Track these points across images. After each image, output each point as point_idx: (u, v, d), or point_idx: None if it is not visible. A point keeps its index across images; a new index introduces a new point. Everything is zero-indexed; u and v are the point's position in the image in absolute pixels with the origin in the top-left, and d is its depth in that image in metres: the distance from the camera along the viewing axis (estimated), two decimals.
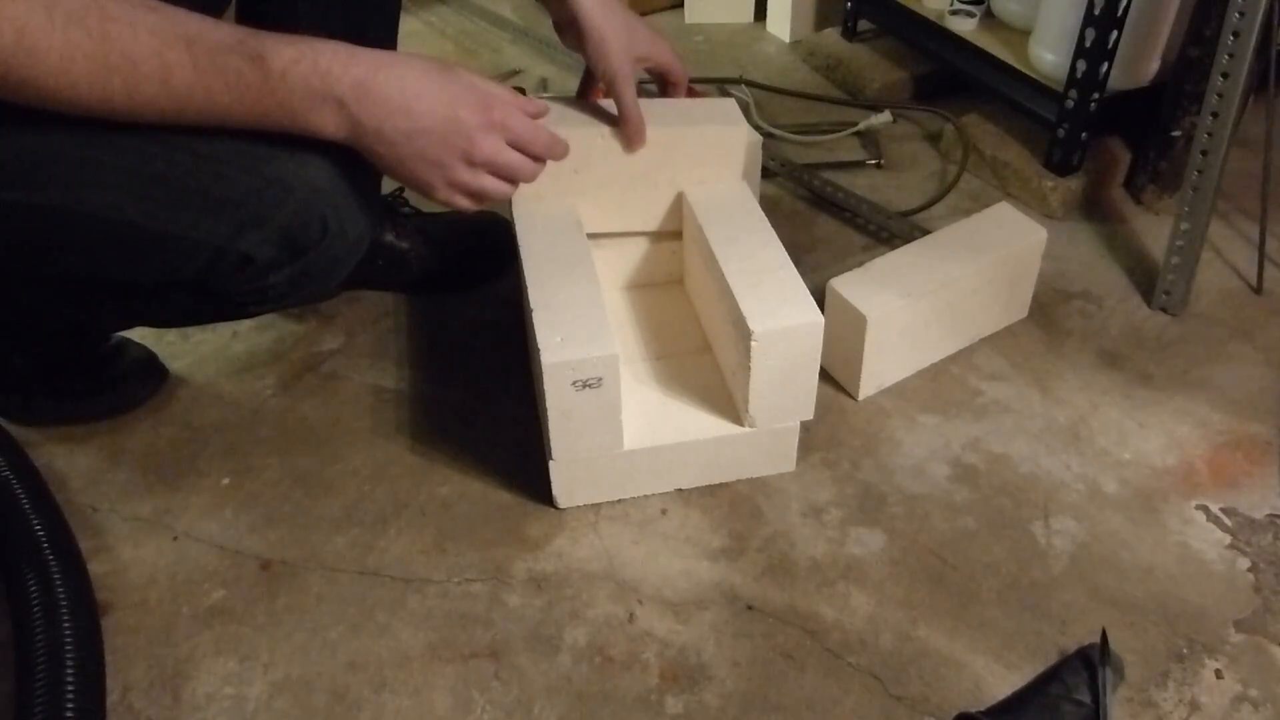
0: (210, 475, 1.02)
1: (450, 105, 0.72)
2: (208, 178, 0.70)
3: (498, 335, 1.17)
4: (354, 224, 0.77)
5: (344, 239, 0.76)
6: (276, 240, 0.73)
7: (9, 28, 0.60)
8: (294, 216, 0.73)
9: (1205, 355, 1.14)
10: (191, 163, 0.70)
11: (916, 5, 1.54)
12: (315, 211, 0.73)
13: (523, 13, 1.89)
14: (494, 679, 0.84)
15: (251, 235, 0.72)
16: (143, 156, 0.70)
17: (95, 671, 0.81)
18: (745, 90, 1.60)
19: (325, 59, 0.68)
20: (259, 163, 0.71)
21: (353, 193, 0.76)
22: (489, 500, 0.99)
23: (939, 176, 1.44)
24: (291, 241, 0.73)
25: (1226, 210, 1.34)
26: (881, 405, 1.09)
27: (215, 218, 0.71)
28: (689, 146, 1.01)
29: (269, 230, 0.72)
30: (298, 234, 0.73)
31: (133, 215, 0.70)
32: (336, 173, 0.75)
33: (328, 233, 0.75)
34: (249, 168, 0.71)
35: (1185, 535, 0.95)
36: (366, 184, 0.78)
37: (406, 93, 0.71)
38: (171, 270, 0.72)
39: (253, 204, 0.71)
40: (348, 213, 0.76)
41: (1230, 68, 1.05)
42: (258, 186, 0.71)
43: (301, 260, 0.75)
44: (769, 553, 0.94)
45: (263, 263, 0.73)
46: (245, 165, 0.71)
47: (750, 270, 0.93)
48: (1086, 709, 0.79)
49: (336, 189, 0.74)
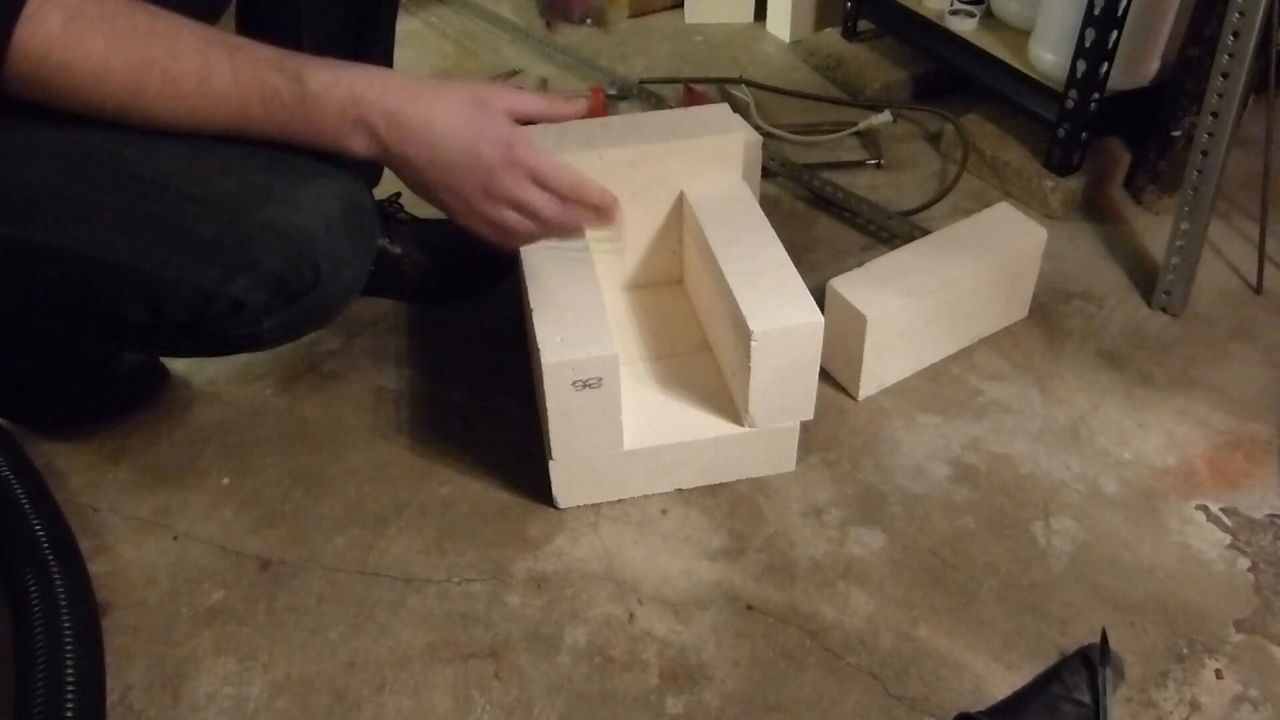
0: (210, 475, 1.02)
1: (474, 141, 0.73)
2: (200, 221, 0.70)
3: (498, 335, 1.17)
4: (348, 269, 0.76)
5: (337, 284, 0.75)
6: (268, 287, 0.71)
7: (57, 12, 0.62)
8: (286, 264, 0.71)
9: (1205, 355, 1.14)
10: (184, 204, 0.70)
11: (916, 5, 1.54)
12: (307, 259, 0.72)
13: (523, 13, 1.89)
14: (494, 679, 0.84)
15: (242, 281, 0.70)
16: (135, 196, 0.69)
17: (95, 671, 0.81)
18: (745, 90, 1.60)
19: (361, 85, 0.70)
20: (253, 207, 0.71)
21: (348, 236, 0.75)
22: (489, 500, 0.99)
23: (939, 176, 1.44)
24: (283, 288, 0.72)
25: (1226, 210, 1.34)
26: (881, 405, 1.09)
27: (206, 262, 0.70)
28: (687, 157, 1.01)
29: (260, 276, 0.71)
30: (289, 281, 0.72)
31: (123, 255, 0.69)
32: (334, 215, 0.73)
33: (320, 279, 0.73)
34: (242, 212, 0.70)
35: (1185, 535, 0.95)
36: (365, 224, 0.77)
37: (434, 126, 0.72)
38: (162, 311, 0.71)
39: (244, 250, 0.70)
40: (341, 258, 0.74)
41: (1230, 68, 1.05)
42: (250, 232, 0.70)
43: (294, 306, 0.74)
44: (769, 553, 0.94)
45: (254, 308, 0.72)
46: (238, 209, 0.70)
47: (750, 270, 0.93)
48: (1086, 709, 0.79)
49: (332, 234, 0.73)
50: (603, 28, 1.83)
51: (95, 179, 0.69)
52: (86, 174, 0.68)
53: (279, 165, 0.73)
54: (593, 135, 1.01)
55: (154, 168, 0.69)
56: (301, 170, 0.73)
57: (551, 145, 0.89)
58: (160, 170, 0.69)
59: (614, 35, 1.82)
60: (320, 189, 0.73)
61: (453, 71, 1.71)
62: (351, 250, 0.76)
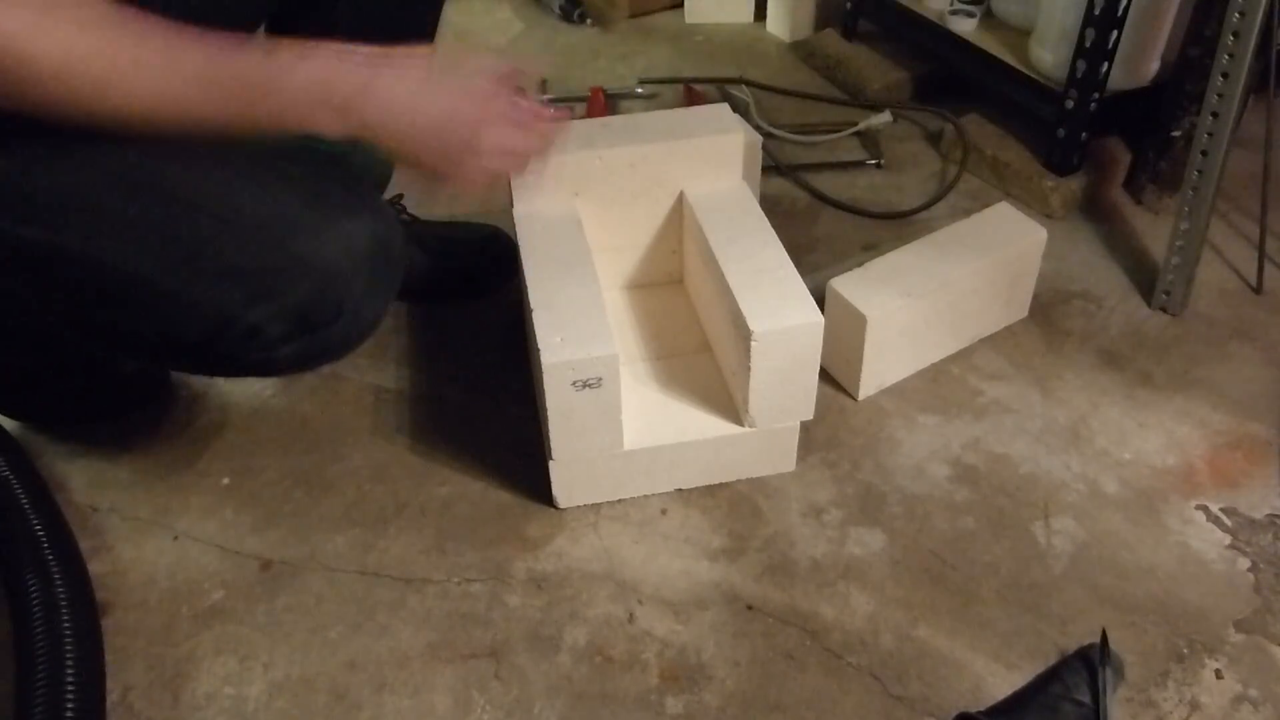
0: (210, 475, 1.02)
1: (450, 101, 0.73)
2: (228, 245, 0.70)
3: (498, 335, 1.17)
4: (370, 306, 0.76)
5: (357, 321, 0.75)
6: (288, 317, 0.72)
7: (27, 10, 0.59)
8: (308, 296, 0.72)
9: (1205, 355, 1.14)
10: (214, 227, 0.70)
11: (916, 5, 1.54)
12: (330, 294, 0.72)
13: (523, 13, 1.89)
14: (494, 679, 0.84)
15: (262, 309, 0.71)
16: (167, 214, 0.69)
17: (95, 671, 0.81)
18: (745, 90, 1.60)
19: (327, 67, 0.69)
20: (282, 237, 0.71)
21: (373, 276, 0.75)
22: (489, 500, 0.99)
23: (939, 176, 1.44)
24: (303, 319, 0.73)
25: (1226, 210, 1.34)
26: (881, 405, 1.09)
27: (228, 286, 0.70)
28: (686, 157, 1.01)
29: (281, 306, 0.71)
30: (310, 313, 0.72)
31: (147, 271, 0.69)
32: (360, 253, 0.73)
33: (341, 315, 0.74)
34: (270, 241, 0.71)
35: (1185, 535, 0.95)
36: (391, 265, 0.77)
37: (406, 93, 0.71)
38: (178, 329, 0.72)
39: (268, 278, 0.70)
40: (365, 295, 0.75)
41: (1230, 68, 1.05)
42: (276, 262, 0.71)
43: (312, 337, 0.74)
44: (769, 553, 0.94)
45: (272, 336, 0.72)
46: (267, 238, 0.71)
47: (750, 270, 0.93)
48: (1086, 709, 0.79)
49: (357, 269, 0.73)
50: (603, 28, 1.83)
51: (130, 193, 0.69)
52: (122, 187, 0.69)
53: (314, 198, 0.73)
54: (593, 135, 1.01)
55: (190, 188, 0.70)
56: (335, 204, 0.73)
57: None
58: (195, 191, 0.70)
59: (614, 35, 1.82)
60: (351, 226, 0.73)
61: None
62: (374, 290, 0.76)
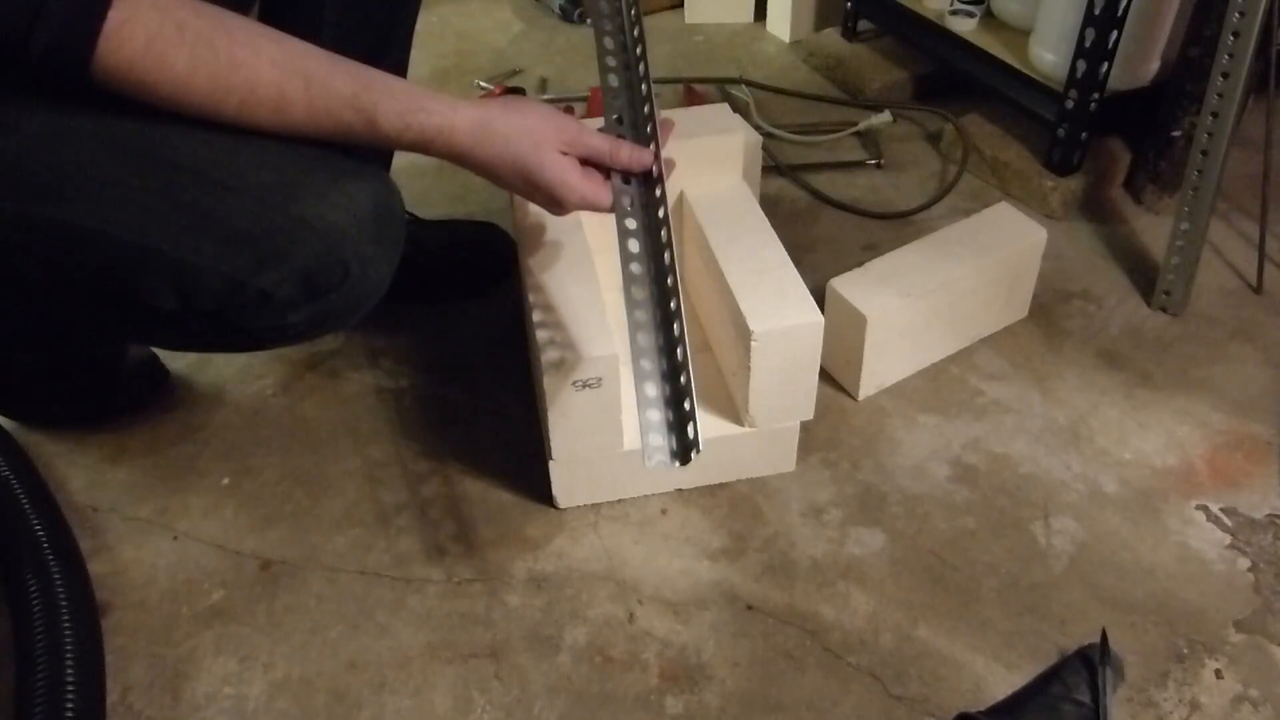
0: (210, 475, 1.02)
1: (527, 190, 0.79)
2: (234, 210, 0.70)
3: (498, 335, 1.17)
4: (376, 268, 0.76)
5: (365, 283, 0.76)
6: (295, 280, 0.72)
7: (141, 32, 0.64)
8: (314, 259, 0.72)
9: (1205, 355, 1.14)
10: (219, 194, 0.70)
11: (916, 5, 1.54)
12: (337, 255, 0.73)
13: (523, 13, 1.89)
14: (494, 679, 0.84)
15: (271, 273, 0.71)
16: (171, 182, 0.70)
17: (95, 671, 0.81)
18: (745, 90, 1.60)
19: (431, 130, 0.74)
20: (287, 201, 0.71)
21: (377, 237, 0.76)
22: (489, 500, 0.99)
23: (939, 176, 1.44)
24: (311, 283, 0.73)
25: (1226, 210, 1.34)
26: (881, 405, 1.09)
27: (236, 251, 0.70)
28: (687, 157, 1.01)
29: (288, 270, 0.72)
30: (317, 276, 0.73)
31: (155, 240, 0.70)
32: (364, 215, 0.74)
33: (349, 276, 0.74)
34: (276, 205, 0.71)
35: (1185, 535, 0.95)
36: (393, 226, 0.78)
37: (495, 169, 0.78)
38: (189, 298, 0.72)
39: (274, 242, 0.71)
40: (371, 256, 0.75)
41: (1230, 68, 1.05)
42: (281, 225, 0.71)
43: (321, 301, 0.74)
44: (769, 553, 0.94)
45: (281, 301, 0.73)
46: (272, 202, 0.71)
47: (750, 270, 0.93)
48: (1086, 709, 0.79)
49: (362, 232, 0.74)
50: None
51: (133, 163, 0.70)
52: (125, 158, 0.70)
53: (315, 162, 0.74)
54: None
55: (192, 156, 0.70)
56: (336, 168, 0.74)
57: None
58: (198, 159, 0.70)
59: None
60: (353, 188, 0.74)
61: (452, 72, 1.70)
62: (379, 251, 0.76)
